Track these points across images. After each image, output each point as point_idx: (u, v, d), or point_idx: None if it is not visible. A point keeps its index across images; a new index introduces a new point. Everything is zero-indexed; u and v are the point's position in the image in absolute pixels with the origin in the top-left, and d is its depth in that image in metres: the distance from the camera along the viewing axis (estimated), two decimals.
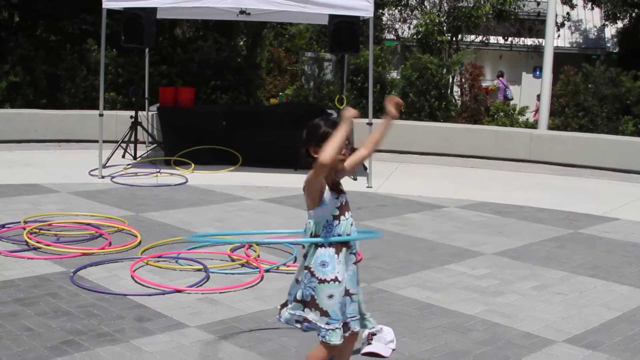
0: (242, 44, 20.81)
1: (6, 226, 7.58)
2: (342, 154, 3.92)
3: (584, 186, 12.20)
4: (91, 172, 11.19)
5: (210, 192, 10.21)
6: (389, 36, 23.04)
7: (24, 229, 7.32)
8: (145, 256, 6.74)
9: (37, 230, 7.45)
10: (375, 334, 4.82)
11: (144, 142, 13.59)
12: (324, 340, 3.92)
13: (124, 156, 12.64)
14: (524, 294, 6.26)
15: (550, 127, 16.29)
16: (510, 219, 9.31)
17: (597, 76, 17.06)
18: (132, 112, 12.98)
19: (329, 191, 3.91)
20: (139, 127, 12.89)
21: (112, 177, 10.92)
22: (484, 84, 20.12)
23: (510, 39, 25.06)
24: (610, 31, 29.02)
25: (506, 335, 5.26)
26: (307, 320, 3.95)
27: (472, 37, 22.48)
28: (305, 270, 3.95)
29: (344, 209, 3.97)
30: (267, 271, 6.49)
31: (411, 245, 7.77)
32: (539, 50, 23.45)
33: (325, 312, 3.90)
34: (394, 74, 18.96)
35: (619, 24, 26.27)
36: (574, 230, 8.82)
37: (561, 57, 21.75)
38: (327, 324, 3.90)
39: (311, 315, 3.93)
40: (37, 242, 6.98)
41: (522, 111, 18.10)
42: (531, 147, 14.57)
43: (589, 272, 7.00)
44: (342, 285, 3.94)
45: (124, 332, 5.01)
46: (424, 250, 7.58)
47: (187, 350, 4.76)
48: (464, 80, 17.88)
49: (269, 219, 8.66)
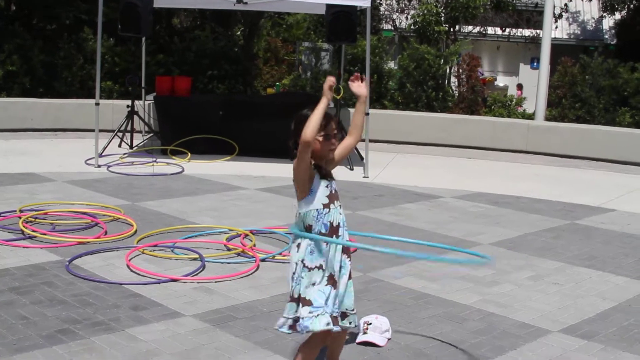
0: (239, 33, 20.75)
1: (2, 215, 7.56)
2: (331, 144, 3.92)
3: (581, 177, 12.20)
4: (87, 161, 11.16)
5: (206, 182, 10.20)
6: (387, 26, 23.01)
7: (20, 217, 7.31)
8: (141, 245, 6.73)
9: (32, 219, 7.44)
10: (370, 323, 4.83)
11: (140, 132, 13.57)
12: (308, 330, 3.85)
13: (120, 145, 12.62)
14: (520, 284, 6.26)
15: (547, 118, 16.30)
16: (506, 209, 9.32)
17: (594, 67, 17.06)
18: (129, 101, 12.94)
19: (319, 179, 3.91)
20: (136, 117, 12.86)
21: (109, 166, 10.90)
22: (481, 75, 20.14)
23: (508, 30, 25.04)
24: (608, 22, 28.99)
25: (502, 325, 5.27)
26: (298, 319, 3.89)
27: (470, 27, 22.46)
28: (300, 262, 3.89)
29: (333, 197, 3.94)
30: (263, 260, 6.48)
31: (407, 235, 7.75)
32: (536, 41, 23.42)
33: (308, 302, 3.85)
34: (391, 64, 18.94)
35: (617, 16, 26.26)
36: (571, 221, 8.82)
37: (559, 48, 21.72)
38: (310, 312, 3.84)
39: (301, 310, 3.86)
40: (33, 230, 6.97)
41: (520, 102, 18.09)
42: (528, 138, 14.57)
43: (585, 262, 7.00)
44: (326, 273, 3.88)
45: (120, 320, 5.00)
46: (421, 240, 7.56)
47: (183, 339, 4.76)
48: (461, 71, 17.87)
49: (265, 208, 8.65)
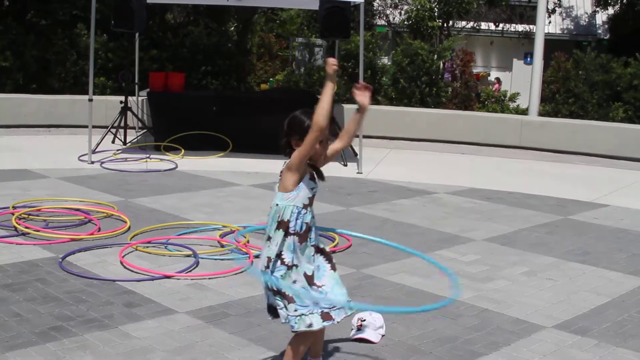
0: (232, 29, 20.72)
1: None
2: (327, 144, 3.97)
3: (574, 172, 12.22)
4: (81, 158, 11.14)
5: (199, 178, 10.18)
6: (380, 22, 23.00)
7: (13, 214, 7.30)
8: (134, 242, 6.72)
9: (26, 215, 7.43)
10: (364, 320, 4.83)
11: (133, 128, 13.54)
12: (293, 329, 3.92)
13: (113, 141, 12.59)
14: (514, 279, 6.27)
15: (540, 114, 16.31)
16: (500, 205, 9.32)
17: (587, 63, 17.05)
18: (122, 97, 12.92)
19: (308, 180, 3.94)
20: (129, 113, 12.85)
21: (102, 163, 10.88)
22: (475, 71, 20.13)
23: (501, 25, 25.03)
24: (601, 17, 29.01)
25: (495, 321, 5.27)
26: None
27: (463, 23, 22.46)
28: (276, 258, 3.92)
29: (312, 201, 4.01)
30: (257, 257, 6.47)
31: (401, 231, 7.77)
32: (530, 36, 23.43)
33: (291, 298, 3.89)
34: (385, 60, 18.91)
35: (610, 11, 26.27)
36: (564, 216, 8.83)
37: (552, 43, 21.74)
38: (295, 310, 3.89)
39: (288, 306, 3.91)
40: (26, 227, 6.95)
41: (513, 98, 18.09)
42: (522, 133, 14.58)
43: (579, 258, 7.01)
44: (301, 271, 3.93)
45: (113, 317, 4.99)
46: (414, 236, 7.58)
47: (176, 336, 4.75)
48: (454, 66, 17.85)
49: (258, 204, 8.64)
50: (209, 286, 5.74)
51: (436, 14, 19.26)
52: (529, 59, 21.04)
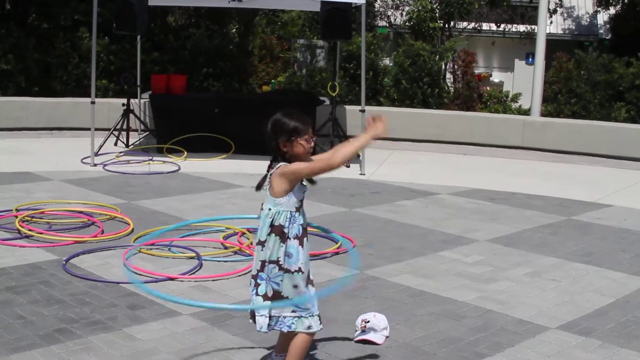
0: (234, 31, 20.72)
1: None
2: (310, 147, 3.98)
3: (577, 173, 12.21)
4: (83, 160, 11.14)
5: (202, 180, 10.19)
6: (382, 23, 22.97)
7: (16, 217, 7.29)
8: (137, 244, 6.72)
9: (29, 218, 7.42)
10: (368, 321, 4.82)
11: (136, 130, 13.53)
12: (290, 329, 3.97)
13: (116, 144, 12.59)
14: (517, 280, 6.26)
15: (543, 114, 16.28)
16: (503, 205, 9.32)
17: (589, 62, 17.04)
18: (124, 100, 12.93)
19: (300, 184, 3.97)
20: (131, 115, 12.85)
21: (105, 165, 10.88)
22: (477, 71, 20.13)
23: (502, 25, 24.99)
24: (602, 17, 28.96)
25: (499, 322, 5.27)
26: (270, 317, 3.97)
27: (465, 23, 22.43)
28: (271, 264, 3.94)
29: (302, 203, 4.05)
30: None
31: (404, 232, 7.76)
32: (531, 37, 23.40)
33: (290, 301, 3.95)
34: (387, 61, 18.92)
35: (612, 10, 26.23)
36: (567, 216, 8.82)
37: (554, 43, 21.73)
38: (293, 311, 3.94)
39: (279, 310, 3.96)
40: (30, 230, 6.95)
41: (515, 98, 18.08)
42: (524, 133, 14.56)
43: (582, 258, 7.01)
44: (305, 275, 3.99)
45: (117, 320, 4.99)
46: (417, 237, 7.57)
47: (180, 337, 4.75)
48: (456, 67, 17.85)
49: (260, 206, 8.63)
50: (212, 288, 5.74)
51: (437, 15, 19.25)
52: (530, 60, 21.00)
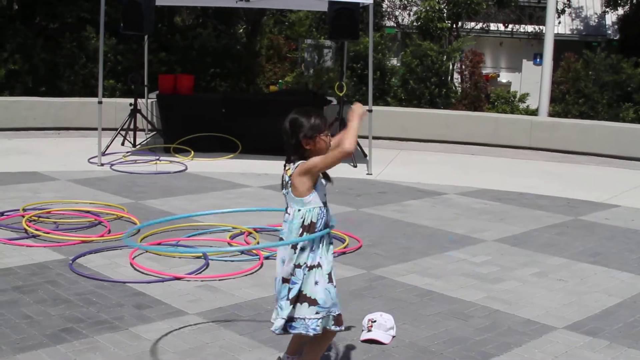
0: (241, 31, 20.74)
1: (5, 214, 7.56)
2: (330, 142, 3.96)
3: (585, 173, 12.17)
4: (90, 160, 11.16)
5: (209, 180, 10.18)
6: (389, 23, 22.97)
7: (23, 216, 7.30)
8: (144, 243, 6.72)
9: (36, 217, 7.44)
10: (375, 321, 4.81)
11: (143, 130, 13.55)
12: (315, 332, 3.88)
13: (123, 144, 12.60)
14: (525, 280, 6.24)
15: (550, 114, 16.25)
16: (510, 205, 9.29)
17: (597, 63, 17.01)
18: (131, 100, 12.94)
19: (320, 178, 3.95)
20: (138, 115, 12.86)
21: (112, 165, 10.89)
22: (484, 71, 20.11)
23: (510, 26, 24.96)
24: (610, 18, 28.89)
25: (507, 322, 5.25)
26: (292, 319, 3.91)
27: (473, 24, 22.41)
28: (304, 267, 3.88)
29: (326, 198, 4.02)
30: (267, 258, 6.46)
31: (411, 232, 7.75)
32: (539, 37, 23.34)
33: (314, 301, 3.87)
34: (394, 61, 18.91)
35: (620, 11, 26.17)
36: (575, 217, 8.80)
37: (562, 44, 21.66)
38: (317, 312, 3.86)
39: (302, 311, 3.88)
40: (36, 229, 6.96)
41: (523, 98, 18.06)
42: (531, 134, 14.53)
43: (590, 258, 6.98)
44: (325, 271, 3.91)
45: (123, 319, 4.99)
46: (424, 237, 7.56)
47: (187, 337, 4.75)
48: (464, 67, 17.83)
49: (268, 206, 8.63)
50: (219, 288, 5.73)
51: (445, 15, 19.24)
52: (538, 60, 20.97)
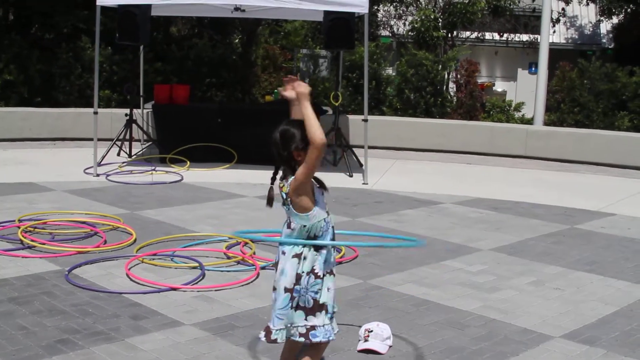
0: (237, 41, 20.76)
1: (1, 225, 7.54)
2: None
3: (581, 182, 12.19)
4: (86, 170, 11.15)
5: (205, 190, 10.18)
6: (384, 33, 23.01)
7: (19, 227, 7.29)
8: (140, 254, 6.71)
9: (31, 228, 7.42)
10: (371, 331, 4.81)
11: (139, 140, 13.55)
12: (331, 339, 3.96)
13: (119, 154, 12.61)
14: (521, 289, 6.24)
15: (546, 123, 16.29)
16: (506, 214, 9.30)
17: (592, 72, 17.05)
18: (127, 110, 12.92)
19: (317, 188, 3.95)
20: (134, 125, 12.85)
21: (107, 175, 10.88)
22: (480, 81, 20.14)
23: (505, 35, 25.03)
24: (605, 27, 29.00)
25: (503, 331, 5.25)
26: (313, 327, 3.93)
27: (468, 33, 22.46)
28: (307, 275, 3.91)
29: (326, 206, 4.03)
30: (263, 268, 6.46)
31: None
32: (534, 46, 23.40)
33: (326, 308, 3.93)
34: (390, 71, 18.93)
35: (614, 20, 26.27)
36: (571, 225, 8.80)
37: (557, 53, 21.70)
38: (331, 319, 3.95)
39: (317, 320, 3.92)
40: (32, 240, 6.94)
41: (518, 107, 18.09)
42: (527, 143, 14.56)
43: (586, 267, 6.99)
44: (334, 278, 4.00)
45: (119, 330, 4.98)
46: (421, 246, 7.55)
47: (183, 348, 4.74)
48: (459, 76, 17.86)
49: (264, 216, 8.62)
50: (215, 298, 5.73)
51: (440, 25, 19.28)
52: (533, 69, 21.01)
